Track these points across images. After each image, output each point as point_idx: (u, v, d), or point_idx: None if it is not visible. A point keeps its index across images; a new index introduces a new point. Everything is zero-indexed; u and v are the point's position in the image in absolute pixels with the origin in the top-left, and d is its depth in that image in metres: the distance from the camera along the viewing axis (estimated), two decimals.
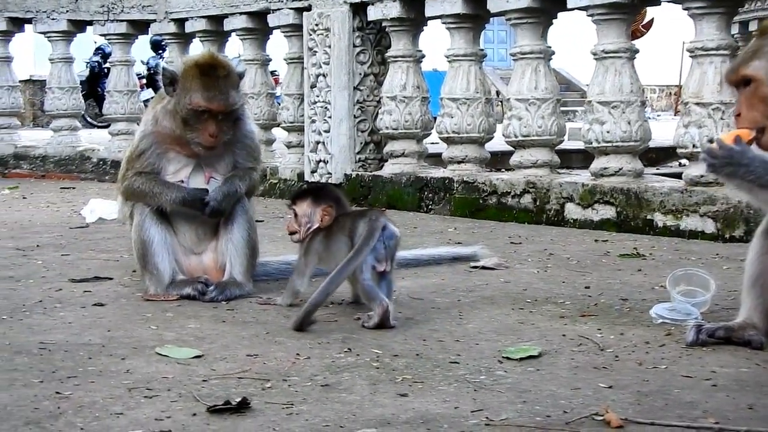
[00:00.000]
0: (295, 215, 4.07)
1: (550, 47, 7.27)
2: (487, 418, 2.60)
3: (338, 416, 2.62)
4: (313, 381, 2.95)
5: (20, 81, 12.11)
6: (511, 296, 4.28)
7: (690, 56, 6.41)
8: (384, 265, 3.78)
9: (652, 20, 12.50)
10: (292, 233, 4.09)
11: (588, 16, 6.81)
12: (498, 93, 21.82)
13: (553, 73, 7.38)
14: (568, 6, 6.88)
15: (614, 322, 3.76)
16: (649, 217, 6.30)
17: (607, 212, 6.52)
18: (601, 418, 2.58)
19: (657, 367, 3.12)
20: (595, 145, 6.74)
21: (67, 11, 11.02)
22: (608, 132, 6.65)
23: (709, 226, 6.02)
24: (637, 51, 6.72)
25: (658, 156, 12.26)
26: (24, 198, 8.93)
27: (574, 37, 21.56)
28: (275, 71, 17.99)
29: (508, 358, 3.22)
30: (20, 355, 3.25)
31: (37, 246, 5.82)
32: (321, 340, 3.48)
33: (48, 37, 11.26)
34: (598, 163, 6.78)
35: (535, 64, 7.18)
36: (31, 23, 11.27)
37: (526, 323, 3.76)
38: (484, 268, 4.98)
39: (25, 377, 2.99)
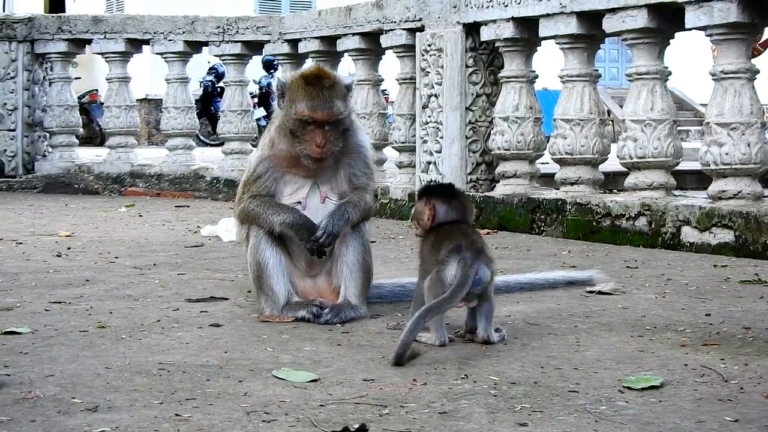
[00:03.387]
0: (415, 211, 4.00)
1: (666, 67, 7.14)
2: None
3: None
4: (430, 408, 2.92)
5: (136, 100, 12.33)
6: (630, 323, 4.19)
7: None
8: (462, 304, 3.74)
9: None
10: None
11: (707, 36, 6.67)
12: (609, 112, 21.55)
13: (669, 94, 7.25)
14: (686, 26, 6.73)
15: (738, 352, 3.65)
16: None
17: (726, 236, 6.36)
18: None
19: None
20: (712, 167, 6.60)
21: (184, 32, 11.22)
22: (727, 154, 6.50)
23: None
24: (757, 71, 6.56)
25: None
26: (140, 216, 9.09)
27: (687, 56, 21.25)
28: (385, 90, 18.07)
29: (629, 388, 3.14)
30: (140, 375, 3.29)
31: (154, 264, 5.91)
32: (437, 365, 3.45)
33: (164, 57, 11.47)
34: (715, 186, 6.64)
35: (651, 85, 7.07)
36: (148, 44, 11.49)
37: (646, 351, 3.67)
38: (600, 293, 4.89)
39: (144, 398, 3.02)
